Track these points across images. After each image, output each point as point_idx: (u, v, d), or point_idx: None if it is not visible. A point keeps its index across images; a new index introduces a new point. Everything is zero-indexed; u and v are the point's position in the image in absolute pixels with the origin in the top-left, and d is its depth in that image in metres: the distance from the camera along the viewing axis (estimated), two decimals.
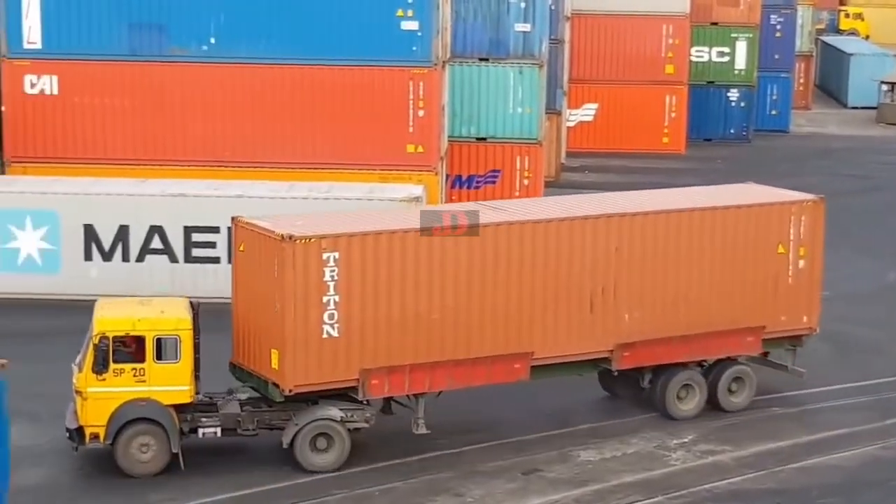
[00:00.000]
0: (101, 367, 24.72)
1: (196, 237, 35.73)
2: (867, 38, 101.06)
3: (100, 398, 24.53)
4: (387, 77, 39.36)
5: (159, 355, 24.95)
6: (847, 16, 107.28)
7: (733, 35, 65.23)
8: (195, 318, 25.51)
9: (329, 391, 25.80)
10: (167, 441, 25.03)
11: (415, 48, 39.19)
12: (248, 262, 26.24)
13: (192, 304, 25.98)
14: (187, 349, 25.08)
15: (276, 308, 25.13)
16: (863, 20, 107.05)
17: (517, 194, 44.81)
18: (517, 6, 45.49)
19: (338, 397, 26.01)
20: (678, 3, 60.79)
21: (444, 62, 40.65)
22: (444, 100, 41.10)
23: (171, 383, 24.85)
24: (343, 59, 39.29)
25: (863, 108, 76.81)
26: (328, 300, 25.21)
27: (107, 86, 39.68)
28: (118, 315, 25.31)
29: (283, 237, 24.98)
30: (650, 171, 57.70)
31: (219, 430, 25.66)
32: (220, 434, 25.69)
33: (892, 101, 74.36)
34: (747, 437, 27.90)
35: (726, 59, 65.72)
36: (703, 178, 57.39)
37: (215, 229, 35.30)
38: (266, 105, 39.64)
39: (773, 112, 69.80)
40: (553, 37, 50.76)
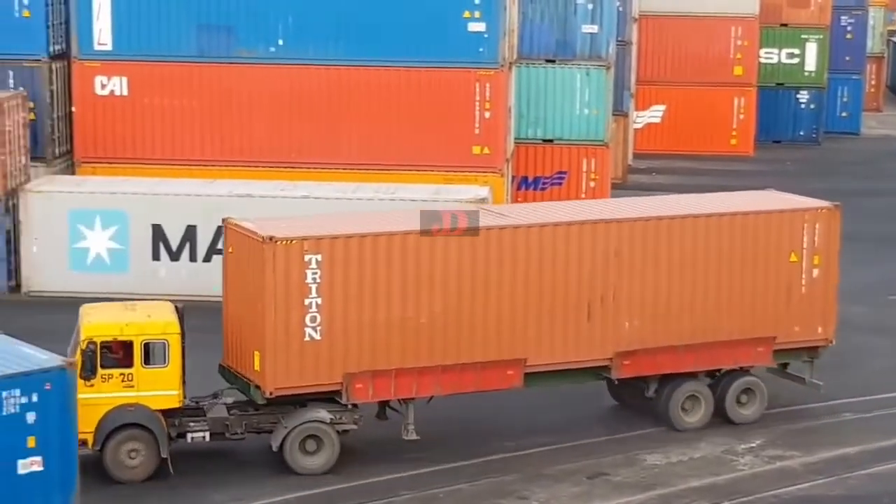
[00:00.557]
0: (88, 372, 24.45)
1: None
2: None
3: (88, 404, 23.71)
4: (453, 78, 39.34)
5: (147, 360, 24.77)
6: None
7: (803, 36, 64.74)
8: (181, 322, 25.28)
9: (313, 394, 25.51)
10: (156, 446, 24.82)
11: (481, 49, 39.14)
12: (236, 264, 26.10)
13: (176, 307, 25.72)
14: (175, 353, 24.86)
15: (258, 310, 24.95)
16: None
17: (583, 196, 44.63)
18: (584, 7, 45.32)
19: (326, 399, 25.76)
20: (747, 5, 60.42)
21: (510, 63, 40.57)
22: (510, 101, 41.02)
23: (159, 388, 24.55)
24: (410, 61, 39.29)
25: None
26: (310, 303, 24.97)
27: (175, 87, 39.90)
28: (105, 320, 25.07)
29: (265, 238, 24.77)
30: (717, 174, 57.35)
31: (207, 434, 25.47)
32: (208, 439, 25.48)
33: None
34: (816, 442, 27.57)
35: (796, 60, 65.23)
36: (771, 180, 56.73)
37: None
38: (332, 106, 39.72)
39: (844, 114, 69.23)
40: (620, 38, 50.54)
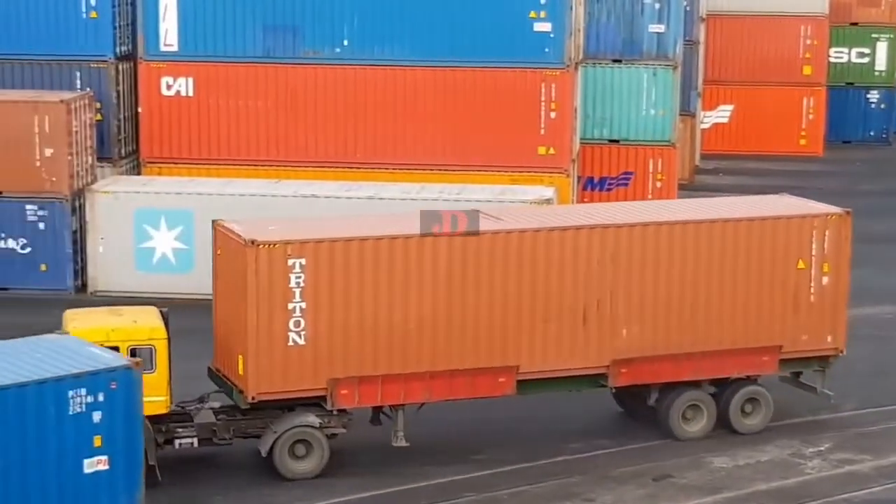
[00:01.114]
0: None
1: None
2: None
3: None
4: (519, 79, 39.20)
5: None
6: None
7: (874, 35, 64.07)
8: (167, 327, 24.98)
9: (298, 399, 25.21)
10: (143, 453, 24.10)
11: (547, 50, 38.98)
12: (224, 267, 25.91)
13: (162, 312, 25.48)
14: (162, 359, 24.55)
15: (242, 313, 24.73)
16: None
17: (650, 197, 44.37)
18: (651, 7, 45.05)
19: (314, 403, 25.41)
20: (817, 3, 59.88)
21: (576, 63, 40.38)
22: (576, 101, 40.83)
23: (146, 394, 23.41)
24: (475, 61, 39.19)
25: None
26: (294, 307, 24.67)
27: (241, 87, 40.00)
28: (91, 325, 24.67)
29: (247, 242, 24.53)
30: (786, 174, 56.89)
31: (195, 440, 25.20)
32: (196, 444, 25.22)
33: None
34: (887, 445, 27.16)
35: (866, 59, 64.57)
36: (840, 180, 56.56)
37: None
38: (397, 107, 39.69)
39: None
40: (688, 38, 50.21)
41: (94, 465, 20.95)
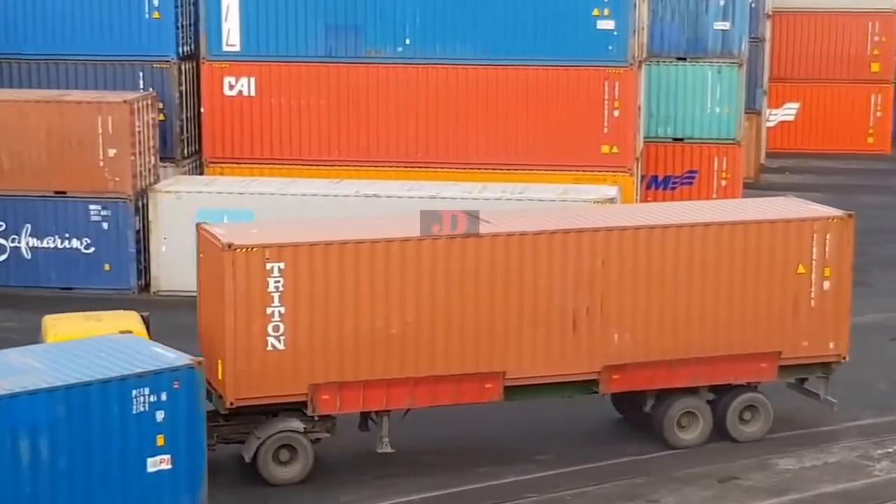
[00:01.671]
0: None
1: None
2: None
3: None
4: (582, 77, 39.01)
5: None
6: None
7: None
8: (148, 331, 24.79)
9: (280, 405, 24.95)
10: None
11: (611, 48, 38.77)
12: (206, 270, 25.71)
13: (143, 316, 25.32)
14: None
15: (220, 318, 24.47)
16: None
17: (714, 196, 44.05)
18: (716, 4, 44.73)
19: (297, 408, 25.09)
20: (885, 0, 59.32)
21: (640, 62, 40.14)
22: (640, 100, 40.60)
23: None
24: (538, 60, 39.04)
25: None
26: (273, 311, 24.36)
27: (303, 87, 40.05)
28: (71, 331, 24.46)
29: (224, 246, 24.26)
30: (853, 173, 56.44)
31: None
32: None
33: None
34: None
35: None
36: None
37: None
38: (460, 106, 39.61)
39: None
40: (753, 35, 49.81)
41: (157, 464, 21.03)
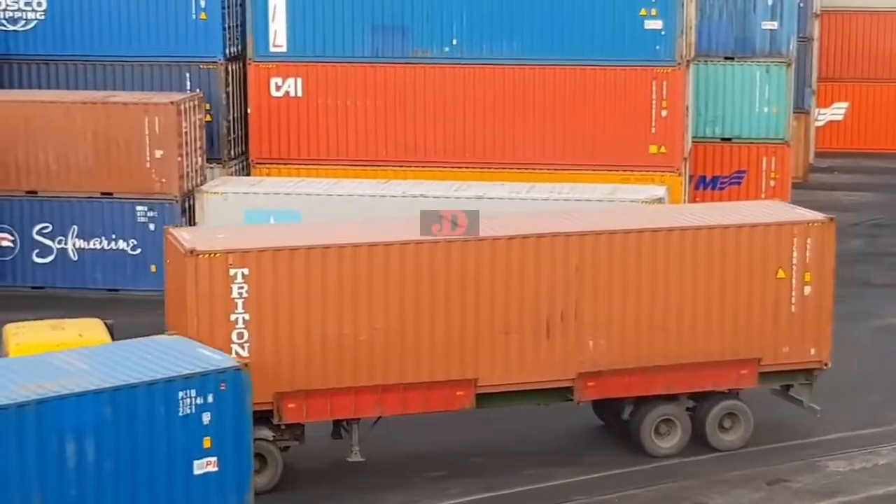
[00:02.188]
0: None
1: None
2: None
3: None
4: (630, 77, 38.84)
5: None
6: None
7: None
8: (112, 339, 24.45)
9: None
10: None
11: (658, 47, 38.59)
12: (171, 276, 25.53)
13: (107, 324, 25.11)
14: None
15: (184, 324, 24.15)
16: None
17: (763, 196, 43.78)
18: (764, 3, 44.44)
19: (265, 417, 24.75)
20: None
21: (688, 61, 39.95)
22: (688, 100, 40.40)
23: None
24: (586, 59, 38.88)
25: None
26: (236, 318, 24.01)
27: (350, 88, 40.04)
28: (35, 341, 24.15)
29: (186, 252, 23.97)
30: None
31: None
32: None
33: None
34: None
35: None
36: None
37: None
38: (507, 106, 39.51)
39: None
40: (801, 34, 49.49)
41: (204, 466, 21.00)
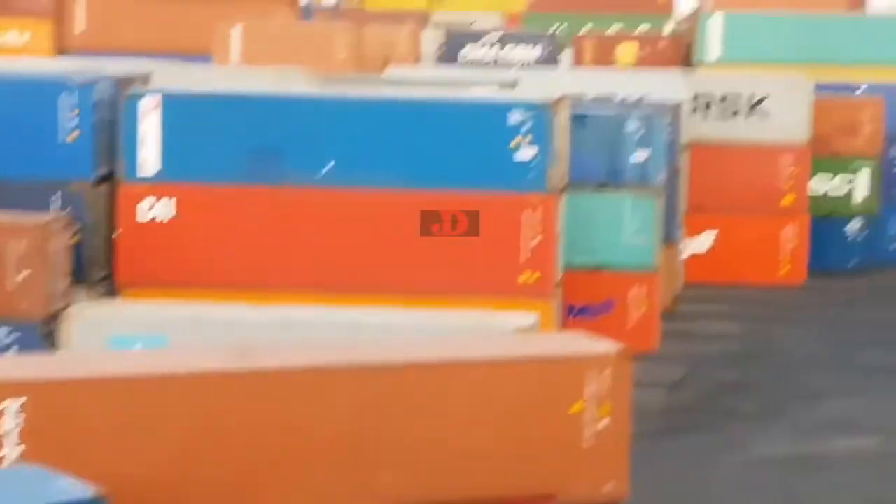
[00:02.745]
0: None
1: None
2: None
3: None
4: (502, 204, 38.98)
5: None
6: None
7: (854, 165, 64.25)
8: None
9: None
10: None
11: (531, 175, 38.81)
12: None
13: None
14: None
15: None
16: None
17: (631, 326, 44.04)
18: (635, 134, 45.01)
19: None
20: (798, 133, 60.10)
21: (560, 190, 40.23)
22: (559, 228, 40.63)
23: None
24: (459, 186, 39.03)
25: None
26: (4, 455, 23.27)
27: (223, 211, 39.59)
28: None
29: None
30: (768, 303, 56.67)
31: None
32: None
33: None
34: None
35: (846, 189, 64.72)
36: (821, 311, 56.44)
37: None
38: (382, 232, 39.40)
39: (895, 246, 68.50)
40: (670, 165, 50.25)
41: None
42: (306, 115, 39.18)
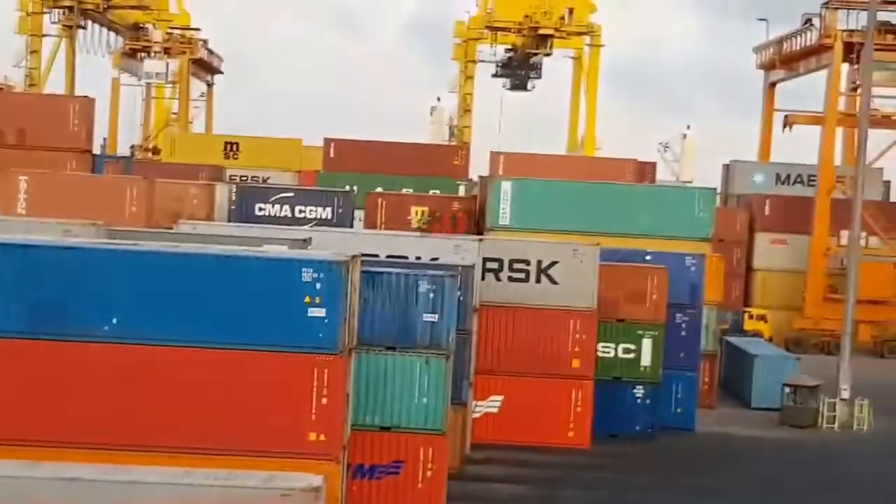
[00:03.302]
0: None
1: None
2: (770, 339, 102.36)
3: None
4: (291, 363, 38.68)
5: None
6: (751, 317, 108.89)
7: (639, 332, 65.56)
8: None
9: None
10: None
11: (321, 335, 38.68)
12: None
13: None
14: None
15: None
16: (766, 322, 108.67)
17: (420, 486, 43.88)
18: (426, 296, 45.36)
19: None
20: (585, 299, 61.21)
21: (350, 349, 40.14)
22: (348, 387, 40.43)
23: None
24: (248, 344, 38.64)
25: (766, 409, 76.89)
26: None
27: (4, 363, 38.62)
28: None
29: None
30: (555, 466, 57.19)
31: None
32: None
33: (796, 403, 74.57)
34: None
35: (632, 355, 65.89)
36: (606, 472, 57.11)
37: None
38: (167, 388, 38.74)
39: (678, 410, 69.66)
40: (461, 327, 50.61)
41: None
42: (92, 267, 38.35)
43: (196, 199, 69.22)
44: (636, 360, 66.28)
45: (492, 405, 61.56)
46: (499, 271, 60.98)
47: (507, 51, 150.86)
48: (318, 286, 38.64)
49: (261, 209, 70.97)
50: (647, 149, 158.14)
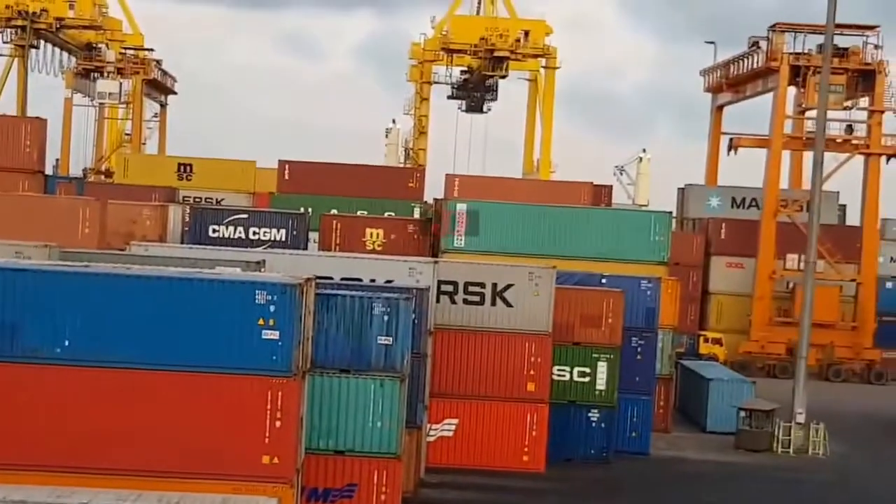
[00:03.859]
0: None
1: None
2: (725, 363, 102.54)
3: None
4: (245, 385, 38.41)
5: None
6: (706, 340, 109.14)
7: (595, 355, 65.46)
8: None
9: None
10: None
11: (274, 357, 38.42)
12: None
13: None
14: None
15: None
16: (721, 346, 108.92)
17: None
18: (380, 318, 45.15)
19: None
20: (540, 322, 61.09)
21: (304, 372, 39.88)
22: (302, 410, 40.16)
23: None
24: (201, 366, 38.33)
25: (721, 433, 76.99)
26: None
27: None
28: None
29: None
30: (509, 490, 56.98)
31: None
32: None
33: (751, 427, 74.64)
34: None
35: (587, 379, 65.78)
36: (561, 497, 56.95)
37: None
38: (119, 410, 38.41)
39: (633, 434, 69.62)
40: (415, 350, 50.40)
41: None
42: (44, 289, 37.98)
43: (149, 220, 68.85)
44: (591, 384, 66.16)
45: (447, 428, 61.34)
46: (454, 294, 60.81)
47: (463, 73, 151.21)
48: (272, 308, 38.38)
49: (214, 231, 70.61)
50: (604, 172, 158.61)
